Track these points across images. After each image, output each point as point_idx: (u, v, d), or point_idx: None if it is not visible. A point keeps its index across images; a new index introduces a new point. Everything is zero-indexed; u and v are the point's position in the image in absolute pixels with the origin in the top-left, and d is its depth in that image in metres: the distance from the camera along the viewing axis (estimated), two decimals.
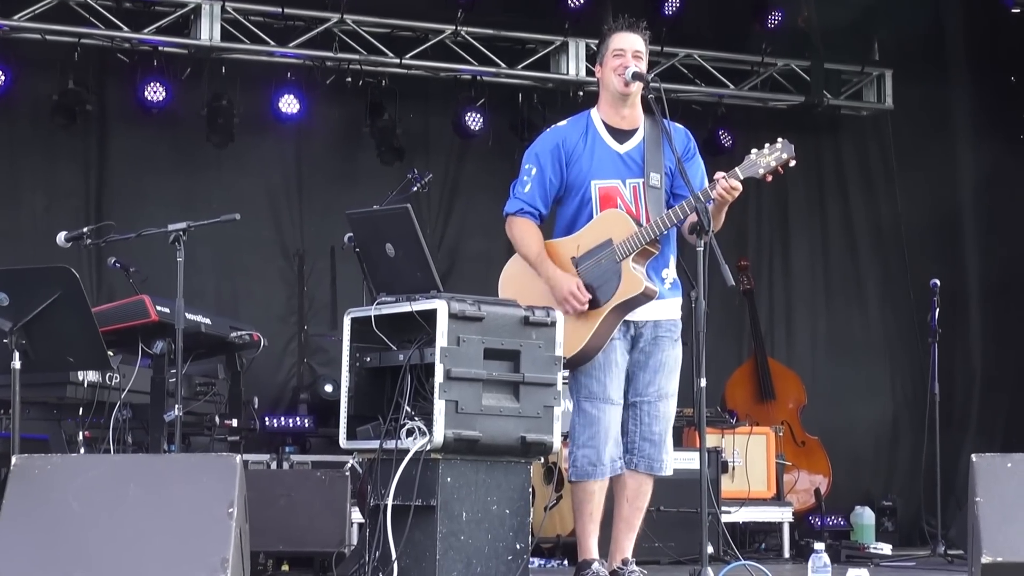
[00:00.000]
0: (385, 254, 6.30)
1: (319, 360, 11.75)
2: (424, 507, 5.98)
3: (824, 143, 13.18)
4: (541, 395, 6.20)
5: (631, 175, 6.73)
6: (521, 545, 6.15)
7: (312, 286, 11.89)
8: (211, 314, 8.05)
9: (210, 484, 5.51)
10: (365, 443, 6.26)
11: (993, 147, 12.61)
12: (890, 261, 13.13)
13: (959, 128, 13.01)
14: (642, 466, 6.67)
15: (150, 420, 7.64)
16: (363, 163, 11.87)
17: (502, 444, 6.10)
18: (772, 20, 12.43)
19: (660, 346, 6.72)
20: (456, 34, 11.82)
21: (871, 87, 13.04)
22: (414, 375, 6.08)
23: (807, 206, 12.90)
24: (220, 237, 10.25)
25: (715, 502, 8.56)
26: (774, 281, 13.08)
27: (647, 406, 6.68)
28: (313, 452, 10.89)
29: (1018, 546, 5.79)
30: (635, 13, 7.00)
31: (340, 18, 11.50)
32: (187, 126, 11.42)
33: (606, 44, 6.80)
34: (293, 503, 7.82)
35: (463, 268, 11.85)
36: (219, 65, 11.44)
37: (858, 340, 13.06)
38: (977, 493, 5.89)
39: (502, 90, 12.15)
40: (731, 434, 10.33)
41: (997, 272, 12.59)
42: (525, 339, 6.18)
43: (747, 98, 12.77)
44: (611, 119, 6.79)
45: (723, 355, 12.04)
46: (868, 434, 12.94)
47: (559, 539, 8.98)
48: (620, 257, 6.60)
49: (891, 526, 11.79)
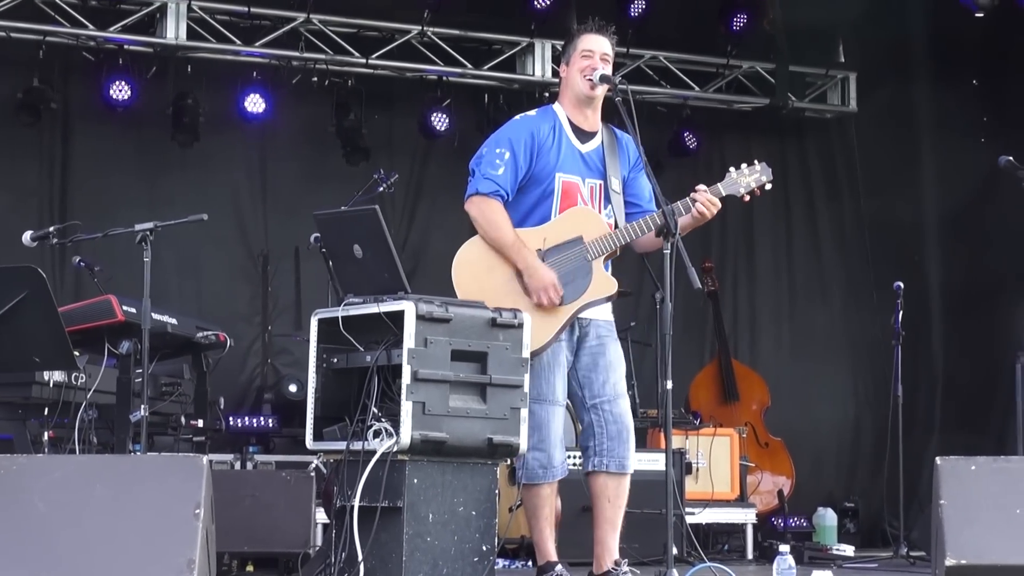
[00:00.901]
0: (352, 255, 6.28)
1: (283, 360, 11.74)
2: (390, 508, 5.97)
3: (789, 145, 13.24)
4: (508, 397, 6.19)
5: (591, 175, 6.75)
6: (487, 547, 6.15)
7: (276, 286, 11.88)
8: (177, 314, 8.04)
9: (177, 485, 5.48)
10: (332, 444, 6.24)
11: (956, 151, 12.66)
12: (854, 263, 13.19)
13: (923, 131, 13.06)
14: (613, 466, 6.66)
15: (116, 420, 7.62)
16: (329, 163, 11.86)
17: (469, 446, 6.09)
18: (737, 22, 12.47)
19: (606, 345, 6.74)
20: (422, 34, 11.83)
21: (835, 90, 13.11)
22: (381, 376, 6.07)
23: (772, 208, 12.94)
24: (184, 237, 10.21)
25: (679, 503, 8.59)
26: (739, 283, 13.13)
27: (608, 405, 6.68)
28: (277, 452, 10.88)
29: (982, 548, 5.81)
30: (601, 14, 7.01)
31: (306, 18, 11.49)
32: (152, 125, 11.40)
33: (574, 44, 6.80)
34: (258, 503, 7.80)
35: (427, 268, 11.81)
36: (185, 64, 11.42)
37: (822, 342, 13.11)
38: (941, 496, 5.91)
39: (468, 91, 12.17)
40: (695, 435, 10.36)
41: (960, 275, 12.63)
42: (492, 341, 6.17)
43: (712, 100, 12.82)
44: (575, 118, 6.80)
45: (687, 357, 12.06)
46: (831, 436, 12.99)
47: (523, 540, 8.98)
48: (592, 256, 6.61)
49: (853, 527, 11.85)
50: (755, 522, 10.51)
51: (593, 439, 6.69)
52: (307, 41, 11.59)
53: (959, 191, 12.50)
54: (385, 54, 11.80)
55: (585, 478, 6.76)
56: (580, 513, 7.91)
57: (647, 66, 12.47)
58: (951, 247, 12.80)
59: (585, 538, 6.88)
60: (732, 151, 12.73)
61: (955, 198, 12.63)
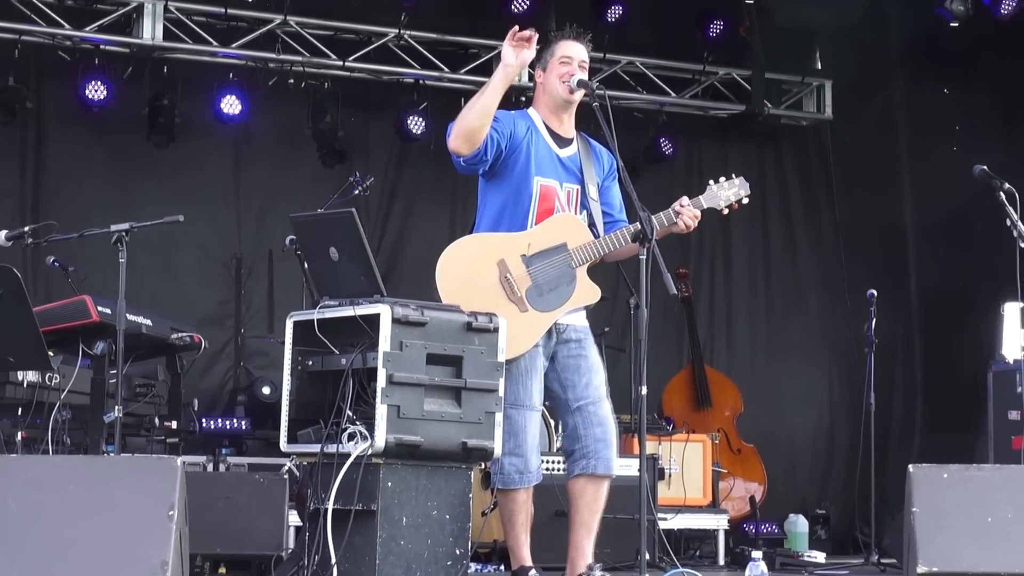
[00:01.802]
0: (328, 258, 6.28)
1: (256, 363, 11.71)
2: (364, 511, 5.97)
3: (765, 152, 13.28)
4: (483, 401, 6.20)
5: (568, 179, 6.76)
6: (461, 551, 6.16)
7: (249, 289, 11.85)
8: (151, 315, 8.03)
9: (150, 486, 5.48)
10: (306, 447, 6.23)
11: (930, 158, 12.72)
12: (830, 270, 13.23)
13: (899, 139, 13.13)
14: (600, 468, 6.66)
15: (90, 421, 7.59)
16: (304, 166, 11.84)
17: (443, 449, 6.10)
18: (714, 29, 12.51)
19: (586, 348, 6.76)
20: (399, 37, 11.83)
21: (811, 97, 13.14)
22: (356, 379, 6.07)
23: (748, 215, 12.91)
24: (157, 238, 10.17)
25: (651, 509, 8.60)
26: (715, 289, 13.15)
27: (593, 407, 6.68)
28: (250, 454, 10.86)
29: (953, 556, 5.84)
30: (578, 19, 7.02)
31: (283, 19, 11.48)
32: (128, 125, 11.36)
33: (551, 50, 6.81)
34: (231, 505, 7.80)
35: (403, 271, 11.83)
36: (161, 64, 11.39)
37: (797, 348, 13.14)
38: (914, 503, 5.94)
39: (444, 94, 12.15)
40: (668, 441, 10.37)
41: (937, 282, 12.69)
42: (468, 345, 6.18)
43: (688, 106, 12.85)
44: (551, 123, 6.81)
45: (661, 362, 12.09)
46: (804, 442, 13.03)
47: (496, 544, 8.99)
48: (576, 264, 6.63)
49: (824, 534, 11.89)
50: (727, 528, 10.54)
51: (579, 442, 6.68)
52: (284, 43, 11.58)
53: (933, 199, 12.55)
54: (362, 57, 11.80)
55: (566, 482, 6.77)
56: (553, 517, 7.94)
57: (624, 72, 12.49)
58: (925, 255, 12.86)
59: (558, 543, 6.88)
60: (708, 157, 12.79)
61: (929, 206, 12.69)
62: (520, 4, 11.74)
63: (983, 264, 11.03)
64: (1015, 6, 11.20)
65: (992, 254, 10.00)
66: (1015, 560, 5.85)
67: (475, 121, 6.49)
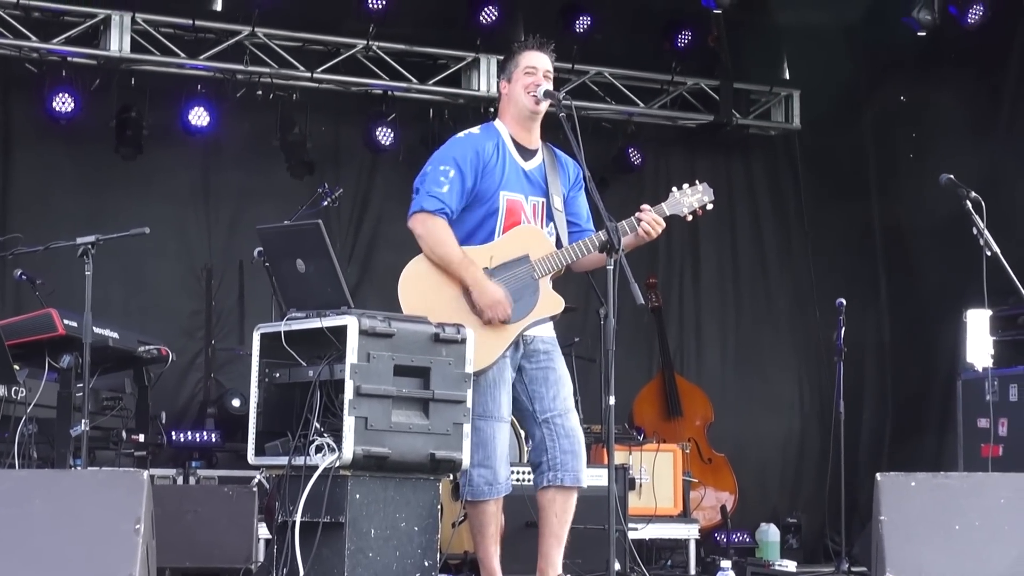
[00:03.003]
0: (296, 269, 6.27)
1: (226, 375, 11.67)
2: (332, 524, 5.96)
3: (734, 162, 13.31)
4: (451, 412, 6.19)
5: (534, 192, 6.75)
6: (429, 562, 6.15)
7: (220, 300, 11.82)
8: (119, 328, 8.00)
9: (117, 500, 5.46)
10: (274, 459, 6.21)
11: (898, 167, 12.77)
12: (799, 279, 13.26)
13: (866, 148, 13.17)
14: (568, 480, 6.66)
15: (56, 435, 7.57)
16: (273, 177, 11.81)
17: (411, 461, 6.09)
18: (682, 39, 12.52)
19: (554, 359, 6.75)
20: (367, 49, 11.81)
21: (779, 107, 13.17)
22: (324, 391, 6.05)
23: (717, 224, 12.98)
24: (127, 250, 10.14)
25: (622, 519, 8.59)
26: (684, 299, 13.16)
27: (560, 419, 6.68)
28: (220, 467, 10.82)
29: (921, 565, 5.85)
30: (547, 30, 7.02)
31: (251, 31, 11.45)
32: (95, 137, 11.33)
33: (515, 61, 6.79)
34: (200, 519, 7.77)
35: (373, 282, 11.83)
36: (129, 77, 11.37)
37: (767, 358, 13.17)
38: (882, 512, 5.94)
39: (413, 105, 12.16)
40: (638, 451, 10.37)
41: (905, 290, 12.71)
42: (435, 356, 6.17)
43: (657, 116, 12.86)
44: (517, 135, 6.80)
45: (632, 373, 12.10)
46: (775, 451, 13.05)
47: (466, 555, 8.95)
48: (539, 275, 6.62)
49: (796, 543, 11.90)
50: (698, 538, 10.54)
51: (546, 454, 6.67)
52: (252, 54, 11.56)
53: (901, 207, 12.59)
54: (330, 68, 11.78)
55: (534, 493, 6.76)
56: (523, 528, 7.92)
57: (592, 82, 12.50)
58: (894, 262, 12.89)
59: (528, 553, 6.87)
60: (677, 167, 12.80)
61: (897, 214, 12.72)
62: (488, 15, 11.73)
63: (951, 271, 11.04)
64: (982, 15, 11.24)
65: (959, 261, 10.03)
66: (982, 568, 5.86)
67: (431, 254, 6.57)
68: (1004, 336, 9.95)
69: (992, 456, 9.54)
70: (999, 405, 9.74)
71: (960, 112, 12.10)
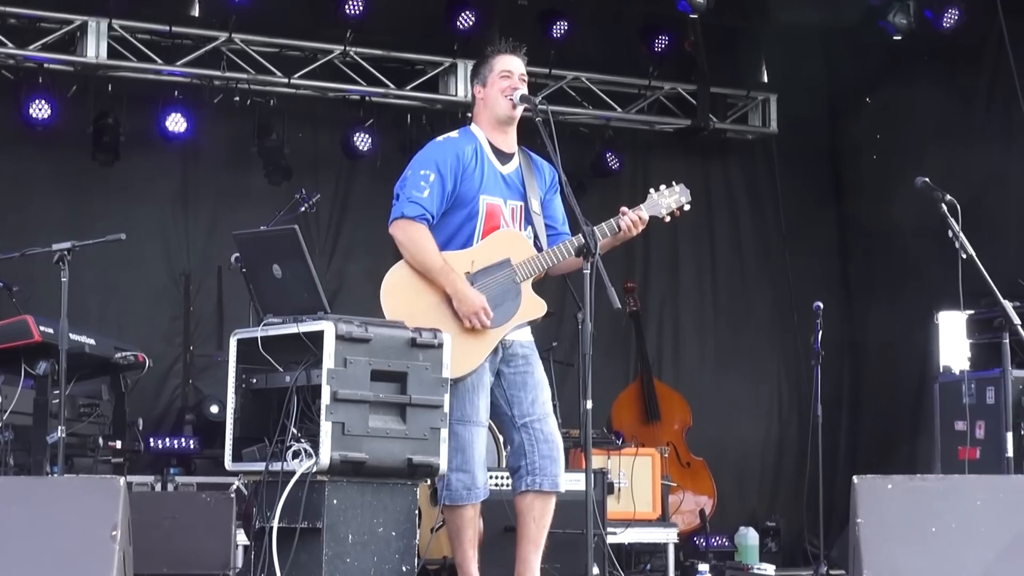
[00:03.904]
0: (272, 275, 6.26)
1: (205, 381, 11.66)
2: (310, 529, 5.95)
3: (712, 166, 13.32)
4: (428, 417, 6.18)
5: (512, 196, 6.75)
6: (407, 567, 6.14)
7: (198, 306, 11.81)
8: (95, 335, 7.98)
9: (93, 507, 5.44)
10: (251, 465, 6.20)
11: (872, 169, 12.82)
12: (777, 283, 13.28)
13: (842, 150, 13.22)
14: (547, 484, 6.66)
15: (32, 442, 7.55)
16: (251, 183, 11.81)
17: (389, 466, 6.08)
18: (659, 44, 12.55)
19: (532, 364, 6.75)
20: (345, 54, 11.81)
21: (757, 111, 13.19)
22: (301, 397, 6.04)
23: (695, 228, 13.00)
24: (105, 257, 10.15)
25: (601, 523, 8.59)
26: (663, 303, 13.17)
27: (539, 424, 6.68)
28: (199, 473, 10.81)
29: (898, 566, 5.85)
30: (523, 35, 7.02)
31: (228, 37, 11.45)
32: (72, 144, 11.32)
33: (490, 65, 6.78)
34: (178, 525, 7.76)
35: (352, 287, 11.81)
36: (105, 83, 11.35)
37: (745, 361, 13.19)
38: (858, 514, 5.94)
39: (391, 111, 12.16)
40: (617, 455, 10.35)
41: (883, 292, 12.74)
42: (412, 361, 6.16)
43: (634, 121, 12.88)
44: (494, 139, 6.79)
45: (610, 377, 12.12)
46: (754, 455, 13.07)
47: (445, 561, 8.95)
48: (520, 279, 6.62)
49: (775, 547, 11.92)
50: (677, 542, 10.52)
51: (524, 459, 6.67)
52: (229, 60, 11.55)
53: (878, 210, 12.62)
54: (307, 74, 11.77)
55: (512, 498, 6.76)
56: (502, 533, 7.91)
57: (569, 87, 12.50)
58: (871, 265, 12.91)
59: (507, 558, 6.87)
60: (655, 171, 12.81)
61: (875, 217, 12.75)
62: (465, 21, 11.75)
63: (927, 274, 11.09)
64: (958, 19, 11.28)
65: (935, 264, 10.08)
66: (958, 570, 5.86)
67: (412, 260, 6.57)
68: (980, 339, 9.95)
69: (969, 459, 9.56)
70: (976, 408, 9.75)
71: (935, 114, 12.14)
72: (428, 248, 6.55)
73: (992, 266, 7.19)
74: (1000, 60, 11.31)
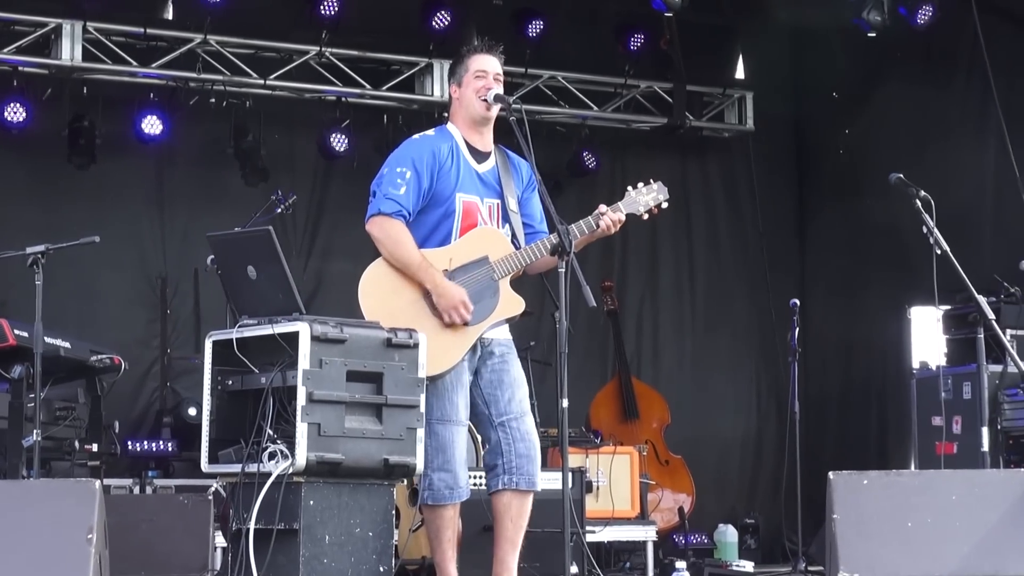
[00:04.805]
0: (247, 277, 6.26)
1: (182, 383, 11.63)
2: (287, 531, 5.95)
3: (690, 164, 13.34)
4: (404, 417, 6.18)
5: (489, 194, 6.76)
6: (385, 568, 6.14)
7: (175, 308, 11.80)
8: (71, 338, 7.97)
9: (69, 510, 5.44)
10: (227, 467, 6.20)
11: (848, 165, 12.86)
12: (755, 280, 13.29)
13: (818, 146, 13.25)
14: (523, 483, 6.65)
15: (8, 445, 7.55)
16: (227, 184, 11.79)
17: (365, 466, 6.08)
18: (635, 42, 12.55)
19: (509, 363, 6.75)
20: (320, 55, 11.80)
21: (733, 109, 13.20)
22: (276, 398, 6.04)
23: (674, 226, 13.02)
24: (81, 260, 10.13)
25: (579, 522, 8.59)
26: (643, 301, 13.18)
27: (516, 422, 6.67)
28: (177, 476, 10.78)
29: (874, 562, 5.88)
30: (499, 34, 7.03)
31: (203, 39, 11.42)
32: (48, 147, 11.28)
33: (465, 65, 6.79)
34: (155, 528, 7.73)
35: (329, 288, 11.82)
36: (80, 85, 11.32)
37: (724, 358, 13.21)
38: (834, 510, 5.97)
39: (367, 111, 12.15)
40: (595, 454, 10.36)
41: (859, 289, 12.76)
42: (388, 361, 6.16)
43: (611, 120, 12.88)
44: (470, 138, 6.79)
45: (589, 375, 12.13)
46: (733, 452, 13.09)
47: (424, 561, 8.95)
48: (498, 276, 6.62)
49: (754, 543, 11.93)
50: (656, 539, 10.53)
51: (501, 457, 6.66)
52: (204, 62, 11.52)
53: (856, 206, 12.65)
54: (283, 75, 11.76)
55: (489, 496, 6.76)
56: (480, 533, 7.91)
57: (545, 86, 12.50)
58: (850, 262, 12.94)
59: (485, 558, 6.87)
60: (632, 170, 12.80)
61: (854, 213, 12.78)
62: (441, 20, 11.75)
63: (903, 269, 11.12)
64: (931, 15, 11.31)
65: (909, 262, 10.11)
66: (935, 564, 5.89)
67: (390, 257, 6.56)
68: (956, 335, 9.99)
69: (946, 454, 9.59)
70: (953, 403, 9.79)
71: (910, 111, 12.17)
72: (406, 244, 6.55)
73: (967, 262, 7.21)
74: (974, 57, 11.34)
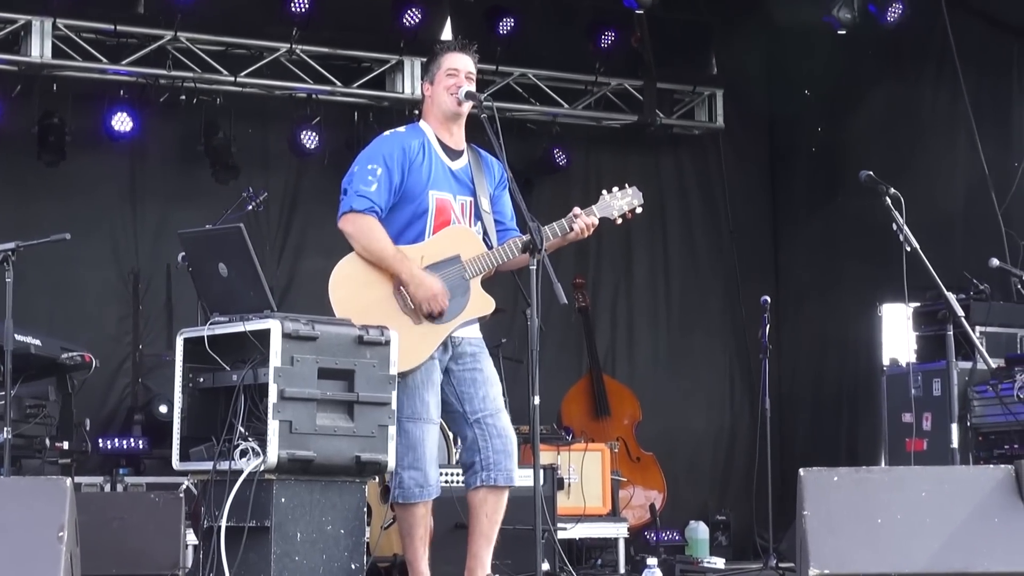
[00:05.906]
0: (218, 274, 6.26)
1: (154, 380, 11.60)
2: (258, 528, 5.95)
3: (662, 161, 13.36)
4: (375, 414, 6.19)
5: (462, 192, 6.76)
6: (356, 565, 6.14)
7: (147, 305, 11.77)
8: (42, 335, 7.95)
9: (39, 508, 5.43)
10: (198, 464, 6.20)
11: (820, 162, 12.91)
12: (728, 277, 13.32)
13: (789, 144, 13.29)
14: (501, 479, 6.66)
15: None
16: (198, 181, 11.77)
17: (337, 464, 6.08)
18: (605, 40, 12.55)
19: (481, 360, 6.75)
20: (291, 52, 11.78)
21: (703, 107, 13.22)
22: (248, 395, 6.04)
23: (647, 223, 13.00)
24: (52, 257, 10.08)
25: (550, 519, 8.60)
26: (615, 297, 13.19)
27: (491, 419, 6.67)
28: (148, 474, 10.75)
29: (844, 558, 5.89)
30: (471, 32, 7.05)
31: (173, 36, 11.40)
32: (17, 144, 11.25)
33: (438, 63, 6.79)
34: (125, 526, 7.69)
35: (302, 285, 11.80)
36: (50, 82, 11.29)
37: (698, 355, 13.24)
38: (805, 507, 5.98)
39: (337, 108, 12.14)
40: (566, 451, 10.37)
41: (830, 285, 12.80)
42: (359, 358, 6.16)
43: (581, 117, 12.89)
44: (441, 135, 6.79)
45: (561, 373, 12.13)
46: (704, 449, 13.12)
47: (396, 558, 8.95)
48: (470, 275, 6.63)
49: (725, 540, 11.95)
50: (627, 536, 10.55)
51: (479, 454, 6.66)
52: (174, 59, 11.50)
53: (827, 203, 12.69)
54: (254, 72, 11.74)
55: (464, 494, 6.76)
56: (452, 530, 7.92)
57: (516, 83, 12.51)
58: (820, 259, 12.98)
59: (457, 555, 6.88)
60: (604, 167, 12.86)
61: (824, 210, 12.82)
62: (412, 18, 11.73)
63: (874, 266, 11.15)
64: (901, 13, 11.35)
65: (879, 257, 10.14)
66: (905, 561, 5.91)
67: (363, 251, 6.55)
68: (926, 331, 10.04)
69: (916, 451, 9.63)
70: (923, 400, 9.84)
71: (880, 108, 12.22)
72: (379, 237, 6.54)
73: (938, 259, 7.24)
74: (944, 54, 11.38)
